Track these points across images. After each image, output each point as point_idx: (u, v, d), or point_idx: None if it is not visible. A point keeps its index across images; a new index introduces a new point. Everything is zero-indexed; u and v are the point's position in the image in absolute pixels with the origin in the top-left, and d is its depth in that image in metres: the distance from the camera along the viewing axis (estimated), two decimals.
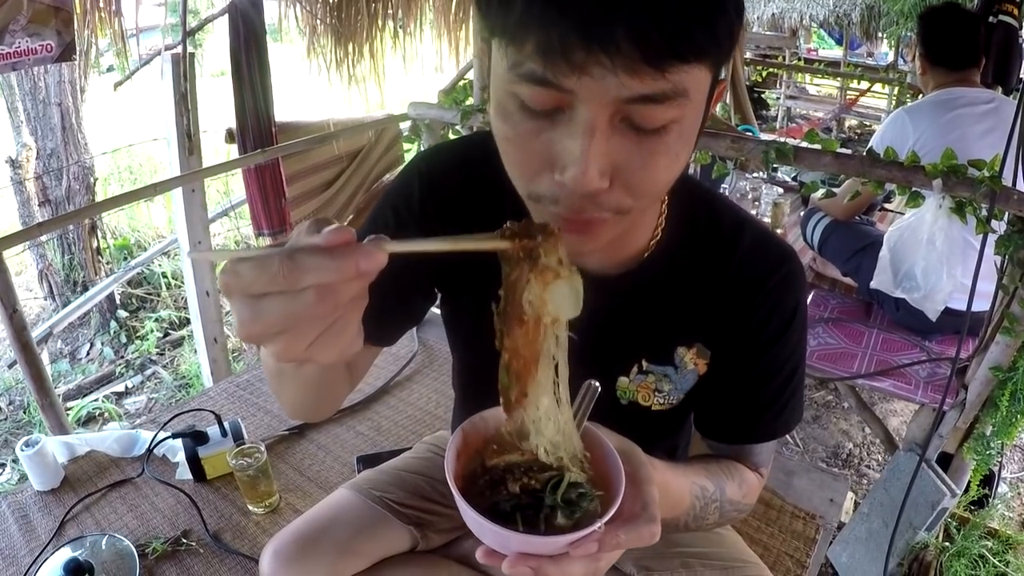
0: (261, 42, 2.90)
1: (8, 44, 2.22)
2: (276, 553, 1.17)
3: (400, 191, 1.02)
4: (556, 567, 0.64)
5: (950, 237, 2.15)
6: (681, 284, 0.98)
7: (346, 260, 0.48)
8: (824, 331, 2.59)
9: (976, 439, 2.10)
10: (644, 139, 0.65)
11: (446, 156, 1.05)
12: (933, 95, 2.51)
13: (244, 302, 0.50)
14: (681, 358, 1.01)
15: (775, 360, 1.00)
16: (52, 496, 1.88)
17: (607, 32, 0.56)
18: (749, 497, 1.05)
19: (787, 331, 0.98)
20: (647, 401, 1.04)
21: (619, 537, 0.65)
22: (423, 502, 1.31)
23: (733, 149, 2.22)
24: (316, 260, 0.47)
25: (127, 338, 4.64)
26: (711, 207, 0.98)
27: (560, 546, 0.63)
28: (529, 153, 0.69)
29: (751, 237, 0.96)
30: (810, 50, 10.70)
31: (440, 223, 0.97)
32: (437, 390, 2.34)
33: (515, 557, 0.64)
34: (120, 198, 2.70)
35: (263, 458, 1.78)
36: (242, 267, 0.49)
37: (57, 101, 4.58)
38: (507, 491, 0.65)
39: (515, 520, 0.64)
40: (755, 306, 0.96)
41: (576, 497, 0.66)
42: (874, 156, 2.03)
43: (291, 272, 0.47)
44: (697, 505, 0.94)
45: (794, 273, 0.97)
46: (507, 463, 0.67)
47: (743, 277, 0.96)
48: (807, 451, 3.21)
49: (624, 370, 1.03)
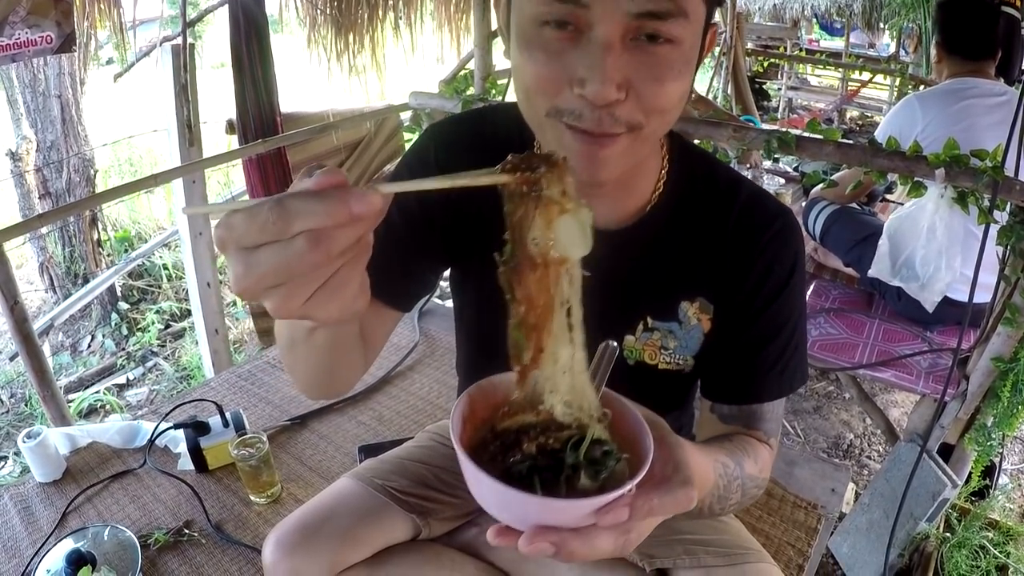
0: (262, 32, 2.90)
1: (8, 36, 2.21)
2: (278, 542, 1.18)
3: (416, 155, 1.07)
4: (581, 541, 0.56)
5: (950, 227, 2.14)
6: (682, 237, 1.01)
7: (337, 202, 0.45)
8: (825, 321, 2.58)
9: (977, 430, 2.10)
10: (652, 53, 0.75)
11: (457, 124, 1.10)
12: (946, 83, 2.50)
13: (238, 255, 0.48)
14: (685, 312, 1.04)
15: (777, 316, 1.02)
16: (54, 488, 1.88)
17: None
18: (765, 471, 1.03)
19: (787, 286, 1.00)
20: (653, 359, 1.07)
21: (652, 501, 0.58)
22: (425, 490, 1.31)
23: (735, 138, 2.22)
24: (306, 204, 0.45)
25: (128, 330, 4.64)
26: (709, 164, 1.03)
27: (585, 513, 0.54)
28: (552, 71, 0.77)
29: (747, 192, 1.01)
30: (811, 41, 10.66)
31: (450, 169, 0.99)
32: (439, 380, 2.34)
33: (533, 531, 0.56)
34: (120, 189, 2.69)
35: (265, 448, 1.78)
36: (235, 218, 0.47)
37: (57, 93, 4.57)
38: (522, 453, 0.57)
39: (532, 483, 0.55)
40: (753, 259, 0.99)
41: (601, 455, 0.58)
42: (876, 145, 2.03)
43: (280, 218, 0.45)
44: (721, 484, 0.90)
45: (790, 227, 1.01)
46: (520, 424, 0.59)
47: (740, 230, 1.00)
48: (808, 442, 3.21)
49: (630, 328, 1.05)
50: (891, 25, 6.74)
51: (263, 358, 2.52)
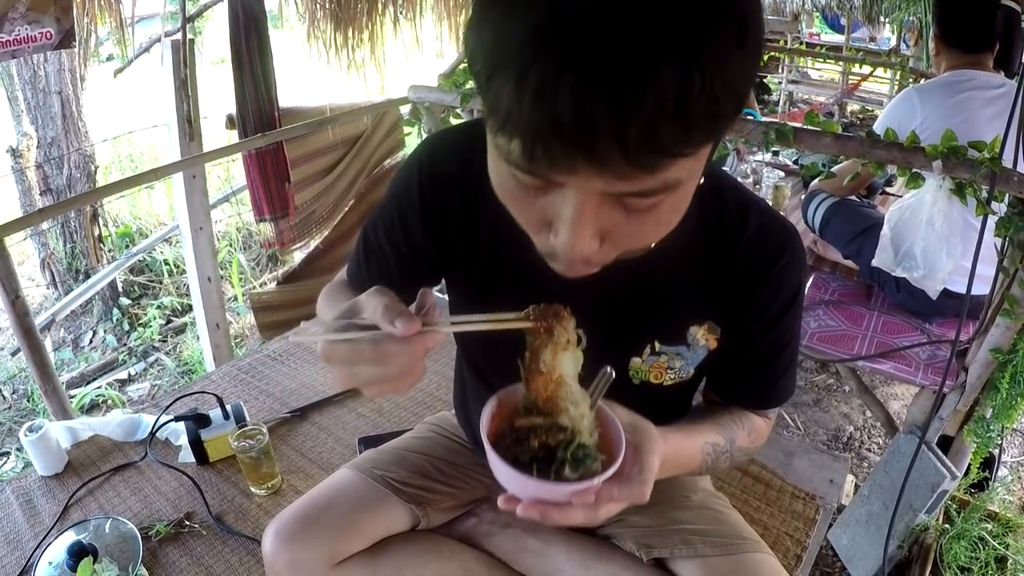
0: (261, 27, 2.90)
1: (7, 32, 2.21)
2: (278, 532, 1.18)
3: (403, 182, 1.08)
4: (559, 512, 0.76)
5: (950, 218, 2.14)
6: (690, 267, 1.01)
7: (417, 344, 0.70)
8: (824, 313, 2.59)
9: (976, 422, 2.10)
10: (635, 213, 0.67)
11: (446, 143, 1.08)
12: (944, 76, 2.50)
13: (343, 367, 0.72)
14: (693, 336, 1.05)
15: (781, 336, 1.06)
16: (56, 481, 1.89)
17: (589, 142, 0.55)
18: (758, 441, 1.18)
19: (790, 309, 1.04)
20: (659, 379, 1.08)
21: (613, 492, 0.78)
22: (424, 481, 1.31)
23: (733, 131, 2.22)
24: (396, 348, 0.70)
25: (130, 326, 4.65)
26: (717, 188, 0.99)
27: (565, 494, 0.75)
28: (526, 215, 0.72)
29: (756, 221, 1.00)
30: (812, 35, 10.62)
31: (437, 211, 1.06)
32: (439, 372, 2.34)
33: (528, 503, 0.76)
34: (121, 183, 2.70)
35: (265, 440, 1.79)
36: (339, 347, 0.71)
37: (57, 90, 4.56)
38: (528, 446, 0.78)
39: (531, 469, 0.76)
40: (761, 288, 1.01)
41: (582, 456, 0.77)
42: (874, 137, 2.03)
43: (379, 357, 0.70)
44: (709, 460, 1.05)
45: (797, 257, 1.02)
46: (532, 424, 0.79)
47: (750, 261, 1.00)
48: (807, 434, 3.21)
49: (637, 351, 1.06)
50: (892, 19, 6.71)
51: (264, 351, 2.53)
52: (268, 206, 3.13)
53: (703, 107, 0.55)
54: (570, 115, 0.54)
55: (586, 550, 1.27)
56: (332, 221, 3.49)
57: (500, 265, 1.06)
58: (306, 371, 2.39)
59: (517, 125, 0.58)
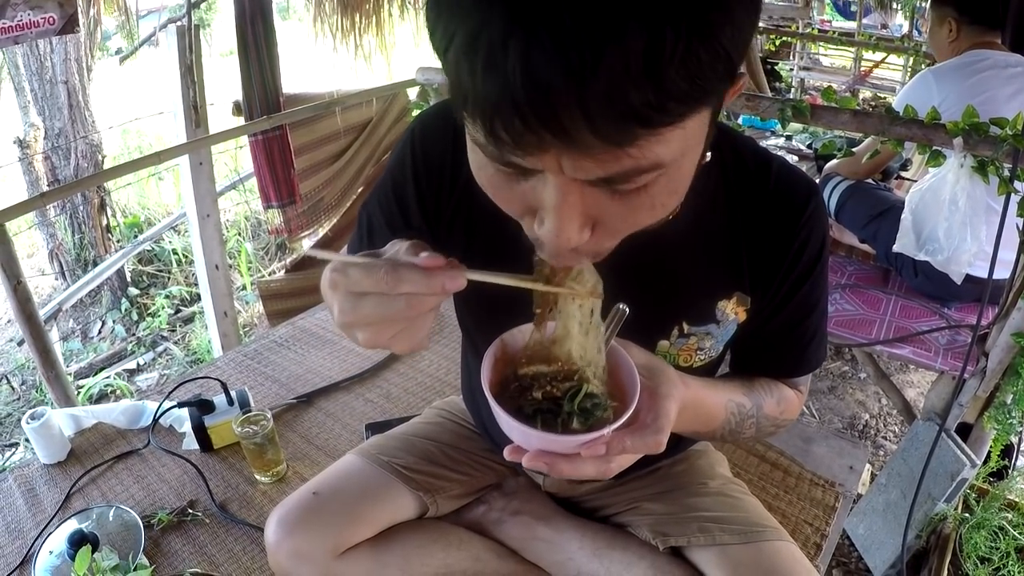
0: (267, 13, 2.87)
1: (10, 17, 2.18)
2: (280, 521, 1.15)
3: (397, 155, 1.04)
4: (569, 464, 0.71)
5: (972, 197, 2.09)
6: (715, 236, 0.96)
7: (436, 278, 0.59)
8: (841, 297, 2.54)
9: (997, 408, 2.05)
10: (624, 196, 0.59)
11: (440, 117, 1.02)
12: (958, 58, 2.44)
13: (347, 297, 0.62)
14: (723, 311, 1.00)
15: (810, 294, 1.00)
16: (58, 469, 1.87)
17: (549, 112, 0.48)
18: (788, 413, 1.11)
19: (817, 263, 0.98)
20: (688, 362, 1.04)
21: (625, 442, 0.72)
22: (433, 467, 1.28)
23: (748, 107, 2.18)
24: (414, 274, 0.59)
25: (138, 315, 4.65)
26: (733, 144, 0.95)
27: (573, 445, 0.71)
28: (506, 200, 0.65)
29: (777, 172, 0.95)
30: (823, 21, 10.54)
31: (428, 183, 1.01)
32: (447, 356, 2.31)
33: (533, 454, 0.72)
34: (124, 166, 2.68)
35: (269, 425, 1.75)
36: (351, 269, 0.61)
37: (64, 80, 4.55)
38: (532, 397, 0.74)
39: (536, 421, 0.72)
40: (788, 242, 0.95)
41: (591, 407, 0.73)
42: (893, 113, 1.98)
43: (392, 279, 0.59)
44: (733, 420, 0.99)
45: (820, 206, 0.96)
46: (536, 372, 0.75)
47: (777, 213, 0.95)
48: (823, 422, 3.17)
49: (664, 334, 1.01)
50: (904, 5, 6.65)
51: (269, 337, 2.50)
52: (275, 193, 3.10)
53: (680, 67, 0.47)
54: (521, 81, 0.47)
55: (599, 538, 1.23)
56: (341, 208, 3.45)
57: (503, 247, 1.01)
58: (313, 357, 2.36)
59: (476, 102, 0.51)
